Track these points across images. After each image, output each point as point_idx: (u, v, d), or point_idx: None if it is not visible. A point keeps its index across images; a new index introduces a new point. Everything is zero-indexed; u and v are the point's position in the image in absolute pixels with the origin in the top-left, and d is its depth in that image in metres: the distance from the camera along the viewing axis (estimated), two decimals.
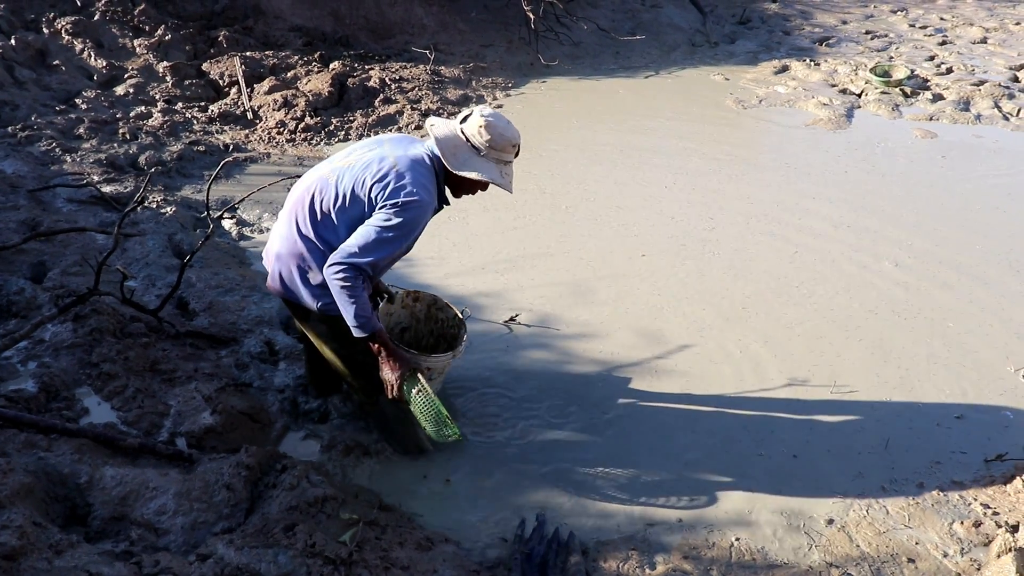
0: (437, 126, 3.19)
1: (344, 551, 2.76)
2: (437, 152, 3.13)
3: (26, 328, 3.80)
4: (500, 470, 3.55)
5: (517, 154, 3.27)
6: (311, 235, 3.14)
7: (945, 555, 3.12)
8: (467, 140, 3.15)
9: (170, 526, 2.85)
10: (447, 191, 3.31)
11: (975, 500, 3.38)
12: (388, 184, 3.02)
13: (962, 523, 3.25)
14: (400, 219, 2.99)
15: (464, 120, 3.19)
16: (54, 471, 2.94)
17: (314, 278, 3.17)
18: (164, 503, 2.91)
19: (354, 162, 3.15)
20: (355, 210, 3.08)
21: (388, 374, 3.21)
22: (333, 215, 3.11)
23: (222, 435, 3.49)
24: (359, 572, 2.72)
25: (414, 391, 3.21)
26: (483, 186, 3.25)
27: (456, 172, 3.13)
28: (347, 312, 3.05)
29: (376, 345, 3.18)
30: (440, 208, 3.28)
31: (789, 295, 4.98)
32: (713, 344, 4.50)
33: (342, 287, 2.99)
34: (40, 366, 3.73)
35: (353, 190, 3.07)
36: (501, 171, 3.21)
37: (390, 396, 3.24)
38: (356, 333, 3.11)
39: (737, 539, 3.19)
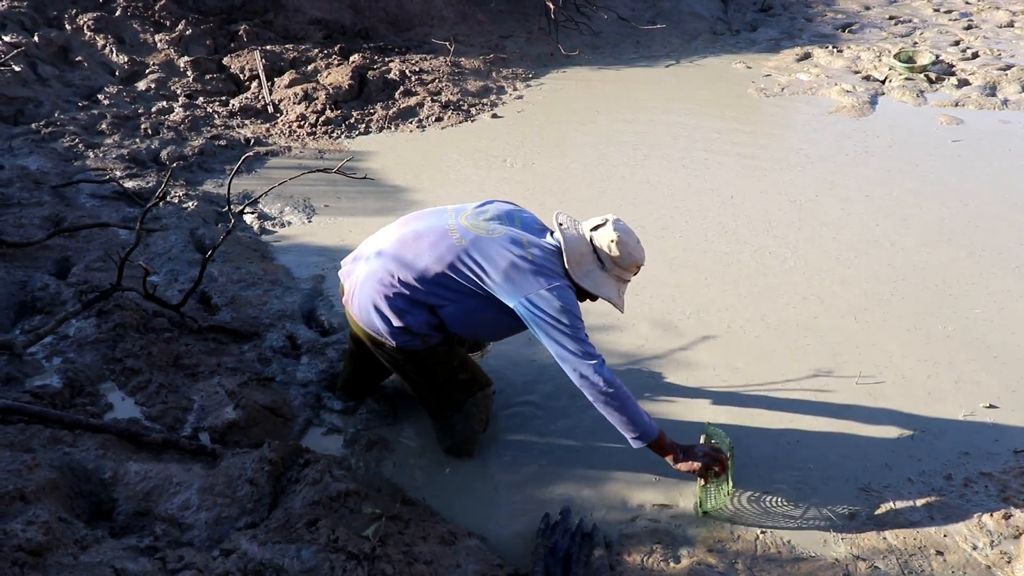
0: (567, 226, 3.14)
1: (367, 546, 2.76)
2: (562, 248, 3.09)
3: (50, 324, 3.84)
4: (523, 464, 3.54)
5: (636, 273, 3.23)
6: (410, 280, 3.08)
7: (975, 548, 3.08)
8: (594, 250, 3.11)
9: (194, 521, 2.86)
10: None
11: (1005, 491, 3.33)
12: (527, 277, 2.98)
13: (991, 515, 3.20)
14: (570, 307, 2.96)
15: (596, 228, 3.13)
16: (79, 467, 2.95)
17: (395, 320, 3.13)
18: (188, 498, 2.91)
19: (484, 231, 3.09)
20: (476, 286, 3.04)
21: (694, 470, 3.12)
22: (444, 278, 3.06)
23: (245, 430, 3.49)
24: (382, 567, 2.72)
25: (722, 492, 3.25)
26: (594, 298, 3.21)
27: (575, 279, 3.09)
28: (619, 421, 3.02)
29: (668, 455, 3.12)
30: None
31: (812, 284, 4.93)
32: (735, 335, 4.46)
33: (603, 394, 2.96)
34: (64, 362, 3.75)
35: (478, 266, 3.02)
36: (619, 289, 3.17)
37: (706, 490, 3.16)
38: (635, 444, 3.07)
39: (762, 532, 3.16)
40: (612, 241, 3.07)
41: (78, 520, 2.69)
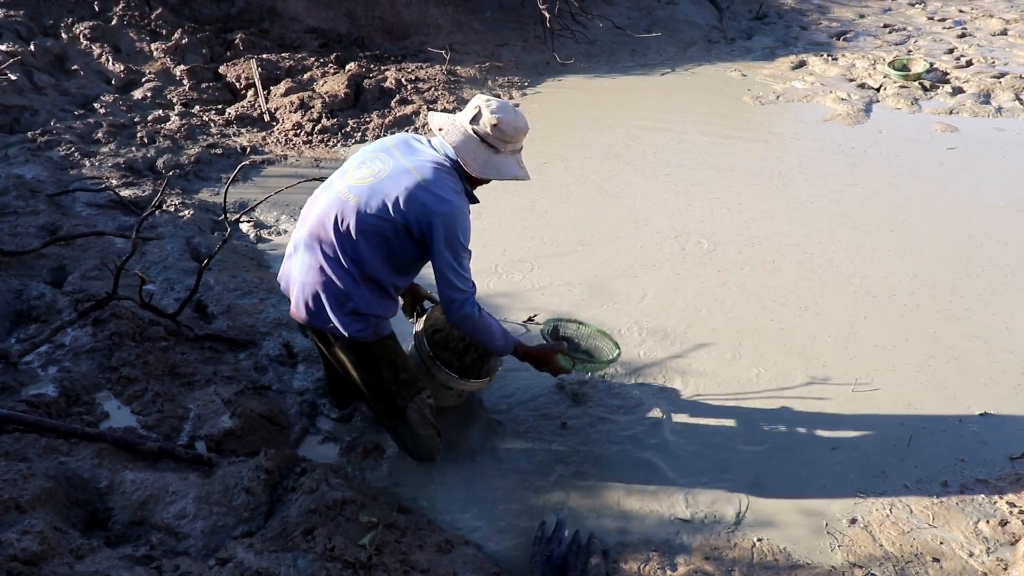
0: (447, 131, 3.15)
1: (363, 554, 2.75)
2: (453, 156, 3.13)
3: (46, 333, 3.83)
4: (520, 472, 3.54)
5: (525, 136, 3.29)
6: (341, 260, 3.07)
7: (971, 555, 3.08)
8: (482, 141, 3.12)
9: (190, 530, 2.85)
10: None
11: (1001, 498, 3.33)
12: (424, 204, 2.99)
13: (988, 522, 3.21)
14: (459, 235, 3.04)
15: (474, 120, 3.14)
16: (75, 476, 2.94)
17: (347, 305, 3.11)
18: (184, 507, 2.91)
19: (371, 178, 3.09)
20: (387, 228, 3.03)
21: (545, 368, 3.52)
22: (361, 236, 3.04)
23: (241, 438, 3.49)
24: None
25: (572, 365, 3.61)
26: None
27: (482, 177, 3.17)
28: (488, 341, 3.30)
29: (521, 356, 3.48)
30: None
31: (806, 292, 4.94)
32: (731, 343, 4.46)
33: (473, 323, 3.20)
34: (60, 371, 3.74)
35: (381, 209, 3.02)
36: (518, 161, 3.24)
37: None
38: (500, 354, 3.46)
39: (759, 539, 3.16)
40: (494, 125, 3.11)
41: (74, 529, 2.69)
